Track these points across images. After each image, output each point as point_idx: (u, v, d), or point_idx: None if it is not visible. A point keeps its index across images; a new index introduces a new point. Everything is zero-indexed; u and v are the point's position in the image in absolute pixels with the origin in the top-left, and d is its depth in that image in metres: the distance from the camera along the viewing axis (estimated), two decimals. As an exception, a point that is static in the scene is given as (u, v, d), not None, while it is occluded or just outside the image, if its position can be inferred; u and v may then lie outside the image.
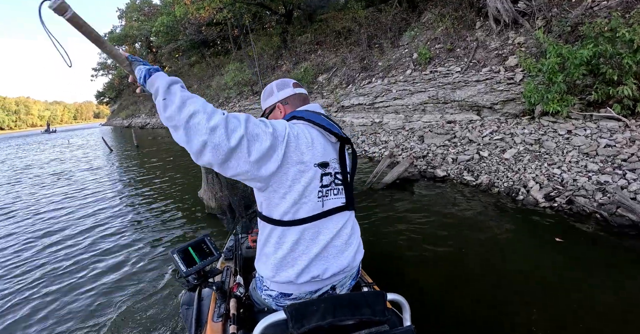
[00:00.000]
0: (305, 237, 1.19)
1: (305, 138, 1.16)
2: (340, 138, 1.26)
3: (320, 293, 1.29)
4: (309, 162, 1.15)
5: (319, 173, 1.18)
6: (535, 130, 5.20)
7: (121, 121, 49.45)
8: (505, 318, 2.18)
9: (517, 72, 6.03)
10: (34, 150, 20.11)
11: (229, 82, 17.14)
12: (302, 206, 1.16)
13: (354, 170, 1.36)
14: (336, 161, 1.26)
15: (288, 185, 1.13)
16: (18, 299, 2.99)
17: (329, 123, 1.24)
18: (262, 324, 1.03)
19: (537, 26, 6.29)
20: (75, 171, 9.80)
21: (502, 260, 2.88)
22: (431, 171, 5.41)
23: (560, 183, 4.00)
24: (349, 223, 1.30)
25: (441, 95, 7.15)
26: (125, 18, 37.52)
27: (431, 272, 2.83)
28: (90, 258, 3.65)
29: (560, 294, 2.34)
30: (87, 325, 2.52)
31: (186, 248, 1.48)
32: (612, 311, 2.14)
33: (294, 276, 1.20)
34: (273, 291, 1.27)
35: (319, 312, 1.05)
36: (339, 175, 1.26)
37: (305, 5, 15.35)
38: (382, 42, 10.27)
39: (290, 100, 1.37)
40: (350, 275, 1.35)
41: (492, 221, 3.66)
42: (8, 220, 5.30)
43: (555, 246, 2.99)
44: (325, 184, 1.20)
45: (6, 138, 44.89)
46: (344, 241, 1.27)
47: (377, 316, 1.10)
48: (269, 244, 1.24)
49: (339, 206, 1.24)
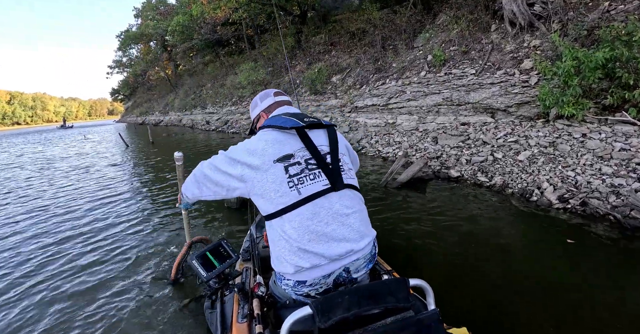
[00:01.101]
0: (297, 225, 1.26)
1: (258, 145, 1.34)
2: (300, 128, 1.37)
3: (335, 276, 1.31)
4: (267, 161, 1.29)
5: (281, 166, 1.29)
6: (549, 133, 5.25)
7: (135, 118, 50.19)
8: (511, 315, 2.25)
9: (532, 75, 6.08)
10: (55, 144, 20.57)
11: (242, 81, 17.36)
12: (280, 197, 1.27)
13: (335, 150, 1.40)
14: (303, 149, 1.35)
15: (260, 185, 1.29)
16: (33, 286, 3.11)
17: (285, 120, 1.39)
18: (289, 321, 1.03)
19: (553, 29, 6.32)
20: (96, 166, 10.09)
21: (513, 258, 2.96)
22: (445, 171, 5.50)
23: (574, 185, 4.06)
24: (343, 204, 1.32)
25: (455, 97, 7.22)
26: (141, 17, 38.08)
27: (441, 266, 2.94)
28: (106, 256, 3.66)
29: (572, 294, 2.41)
30: (104, 328, 2.49)
31: (204, 254, 1.52)
32: (623, 314, 2.18)
33: (300, 262, 1.25)
34: (290, 280, 1.32)
35: (344, 304, 1.05)
36: (312, 161, 1.33)
37: (320, 6, 15.48)
38: (397, 43, 10.35)
39: (272, 108, 1.60)
40: (363, 256, 1.35)
41: (504, 220, 3.75)
42: (33, 214, 5.52)
43: (567, 247, 3.06)
44: (293, 173, 1.29)
45: (23, 133, 45.68)
46: (342, 222, 1.30)
47: (401, 303, 1.11)
48: (273, 239, 1.34)
49: (321, 190, 1.29)
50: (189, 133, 20.70)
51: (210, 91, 24.56)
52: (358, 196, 1.43)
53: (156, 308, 2.64)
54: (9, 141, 27.81)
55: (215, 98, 22.69)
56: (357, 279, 1.38)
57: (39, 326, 2.55)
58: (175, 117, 31.65)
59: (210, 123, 21.28)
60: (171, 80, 39.58)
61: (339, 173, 1.36)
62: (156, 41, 36.78)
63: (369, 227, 1.43)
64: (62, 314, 2.68)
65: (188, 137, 18.34)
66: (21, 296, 2.97)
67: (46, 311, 2.74)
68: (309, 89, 12.63)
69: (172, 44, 31.18)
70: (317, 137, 1.41)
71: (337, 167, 1.37)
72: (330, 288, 1.33)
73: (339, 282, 1.33)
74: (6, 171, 10.54)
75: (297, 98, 7.02)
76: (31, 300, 2.90)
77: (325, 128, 1.47)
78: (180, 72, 39.32)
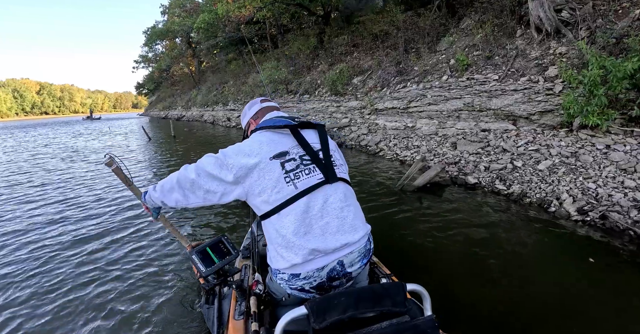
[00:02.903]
0: (292, 219, 1.30)
1: (253, 146, 1.37)
2: (293, 127, 1.43)
3: (328, 270, 1.32)
4: (263, 159, 1.33)
5: (277, 163, 1.34)
6: (572, 143, 5.17)
7: (158, 112, 51.37)
8: (514, 331, 2.24)
9: (557, 82, 5.97)
10: (86, 135, 21.26)
11: (264, 79, 17.55)
12: (276, 194, 1.31)
13: (326, 147, 1.46)
14: (297, 146, 1.40)
15: (258, 184, 1.33)
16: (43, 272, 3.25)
17: (277, 121, 1.47)
18: (283, 320, 1.04)
19: (580, 36, 6.20)
20: (122, 156, 10.38)
21: (525, 270, 2.94)
22: (462, 177, 5.48)
23: (594, 197, 4.00)
24: (337, 196, 1.37)
25: (477, 103, 7.16)
26: (167, 14, 38.87)
27: (452, 269, 2.97)
28: (115, 245, 3.78)
29: (582, 314, 2.39)
30: (102, 321, 2.52)
31: (204, 249, 1.52)
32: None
33: (294, 255, 1.29)
34: (284, 274, 1.35)
35: (340, 306, 1.06)
36: (306, 157, 1.39)
37: (344, 7, 15.50)
38: (419, 46, 10.30)
39: (259, 114, 1.68)
40: (358, 250, 1.37)
41: (520, 229, 3.73)
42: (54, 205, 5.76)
43: (584, 262, 3.02)
44: (289, 169, 1.34)
45: (52, 123, 47.06)
46: (335, 215, 1.34)
47: (398, 307, 1.12)
48: (269, 237, 1.38)
49: (316, 183, 1.35)
50: (210, 128, 21.08)
51: (232, 88, 24.91)
52: (351, 190, 1.48)
53: (153, 302, 2.69)
54: (37, 132, 28.75)
55: (237, 95, 23.00)
56: (351, 274, 1.38)
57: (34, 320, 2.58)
58: (197, 113, 32.23)
59: (231, 120, 21.62)
60: (194, 76, 40.36)
61: (331, 167, 1.41)
62: (181, 38, 37.50)
63: (363, 221, 1.46)
64: (61, 305, 2.74)
65: (209, 132, 18.68)
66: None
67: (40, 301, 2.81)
68: (330, 90, 12.69)
69: (197, 41, 31.80)
70: (309, 136, 1.47)
71: (330, 162, 1.43)
72: (324, 281, 1.34)
73: (333, 276, 1.34)
74: (31, 161, 10.97)
75: (268, 92, 7.04)
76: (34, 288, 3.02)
77: (315, 128, 1.53)
78: (204, 69, 40.04)
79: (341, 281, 1.38)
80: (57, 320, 2.56)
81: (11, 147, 16.07)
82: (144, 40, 43.52)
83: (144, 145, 14.12)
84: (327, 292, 1.37)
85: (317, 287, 1.35)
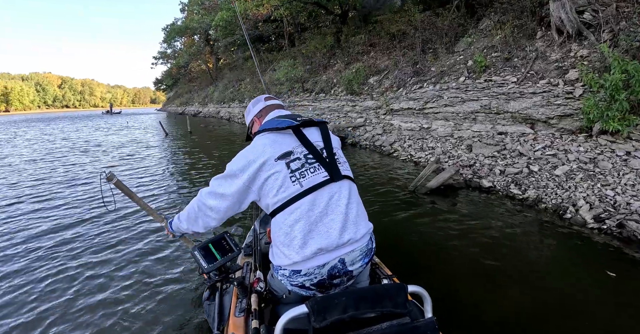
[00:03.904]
0: (297, 217, 1.32)
1: (257, 150, 1.39)
2: (295, 127, 1.44)
3: (329, 267, 1.33)
4: (268, 161, 1.35)
5: (283, 163, 1.36)
6: (591, 149, 5.07)
7: (175, 108, 52.16)
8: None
9: (577, 86, 5.86)
10: (106, 129, 21.77)
11: (281, 77, 17.65)
12: (283, 193, 1.33)
13: (329, 145, 1.48)
14: (300, 146, 1.42)
15: (266, 185, 1.36)
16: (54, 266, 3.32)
17: (279, 122, 1.47)
18: (284, 318, 1.03)
19: (602, 39, 6.06)
20: (138, 151, 10.66)
21: (536, 277, 2.92)
22: (477, 180, 5.44)
23: (612, 205, 3.93)
24: (341, 194, 1.39)
25: (494, 105, 7.08)
26: (187, 11, 39.37)
27: (457, 272, 2.98)
28: (125, 239, 3.91)
29: (591, 317, 2.37)
30: (104, 318, 2.53)
31: (207, 245, 1.52)
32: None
33: (295, 253, 1.31)
34: (285, 270, 1.36)
35: (340, 306, 1.05)
36: (310, 155, 1.40)
37: (361, 7, 15.45)
38: (437, 47, 10.21)
39: (263, 112, 1.67)
40: (359, 248, 1.39)
41: (533, 234, 3.71)
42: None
43: (599, 272, 2.97)
44: (294, 169, 1.36)
45: (73, 117, 47.93)
46: (340, 212, 1.35)
47: (398, 309, 1.11)
48: (274, 234, 1.40)
49: (321, 181, 1.37)
50: (226, 125, 21.34)
51: (249, 86, 25.13)
52: (355, 188, 1.49)
53: (154, 297, 2.72)
54: (56, 126, 29.47)
55: (254, 93, 23.18)
56: (352, 272, 1.39)
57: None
58: (213, 109, 32.61)
59: (246, 117, 21.76)
60: (212, 73, 40.83)
61: (336, 165, 1.43)
62: (199, 35, 37.95)
63: (366, 220, 1.47)
64: (63, 303, 2.76)
65: (225, 129, 18.93)
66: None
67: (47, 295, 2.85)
68: (345, 89, 12.69)
69: (215, 38, 32.10)
70: (311, 134, 1.48)
71: (333, 159, 1.44)
72: (325, 278, 1.35)
73: (333, 273, 1.35)
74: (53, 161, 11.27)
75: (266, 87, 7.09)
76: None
77: (318, 125, 1.55)
78: (221, 66, 40.46)
79: (342, 279, 1.39)
80: (59, 318, 2.56)
81: (32, 139, 16.53)
82: (163, 36, 44.24)
83: (162, 140, 14.44)
84: (328, 290, 1.39)
85: (317, 284, 1.36)
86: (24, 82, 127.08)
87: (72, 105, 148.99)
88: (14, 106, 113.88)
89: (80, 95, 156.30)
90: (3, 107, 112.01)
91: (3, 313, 2.65)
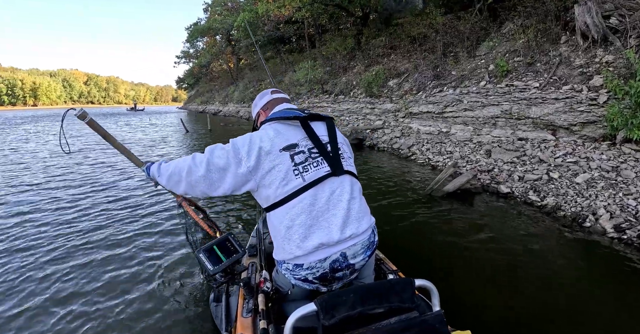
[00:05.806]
0: (299, 211, 1.32)
1: (263, 137, 1.39)
2: (303, 118, 1.44)
3: (331, 261, 1.34)
4: (274, 150, 1.35)
5: (287, 155, 1.35)
6: (614, 157, 4.99)
7: (196, 106, 53.12)
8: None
9: (602, 93, 5.76)
10: (134, 127, 22.39)
11: (301, 78, 17.80)
12: (285, 186, 1.33)
13: (334, 140, 1.48)
14: (306, 139, 1.42)
15: (268, 176, 1.35)
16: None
17: (287, 112, 1.49)
18: (293, 317, 1.04)
19: (629, 45, 5.94)
20: (158, 146, 10.98)
21: (550, 284, 2.90)
22: (494, 186, 5.41)
23: (633, 215, 3.88)
24: (343, 189, 1.39)
25: (515, 111, 7.01)
26: (210, 11, 40.04)
27: (469, 272, 3.01)
28: (137, 236, 3.91)
29: (601, 325, 2.37)
30: (109, 316, 2.52)
31: (211, 247, 1.51)
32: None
33: (297, 248, 1.32)
34: (289, 264, 1.38)
35: (349, 302, 1.06)
36: (314, 149, 1.40)
37: (383, 9, 15.44)
38: (458, 50, 10.15)
39: (269, 105, 1.69)
40: (361, 242, 1.39)
41: (549, 240, 3.69)
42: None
43: (613, 277, 2.97)
44: (298, 162, 1.35)
45: (100, 114, 48.60)
46: (342, 208, 1.35)
47: (406, 303, 1.11)
48: (274, 229, 1.40)
49: (323, 175, 1.37)
50: (245, 124, 21.61)
51: (269, 86, 25.39)
52: (357, 183, 1.49)
53: (161, 299, 2.71)
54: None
55: (273, 93, 23.40)
56: (354, 265, 1.40)
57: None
58: (233, 108, 33.08)
59: (265, 117, 22.02)
60: (232, 73, 41.38)
61: (339, 160, 1.43)
62: (221, 35, 38.54)
63: (368, 214, 1.47)
64: (65, 301, 2.75)
65: (244, 128, 19.17)
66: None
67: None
68: (365, 91, 12.73)
69: (236, 38, 32.53)
70: (318, 128, 1.48)
71: (337, 154, 1.44)
72: (327, 272, 1.36)
73: (335, 267, 1.36)
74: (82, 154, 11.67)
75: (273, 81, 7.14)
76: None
77: (324, 120, 1.55)
78: (242, 66, 41.00)
79: (344, 272, 1.39)
80: (60, 317, 2.54)
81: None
82: (186, 36, 45.11)
83: (182, 137, 14.94)
84: (331, 283, 1.42)
85: (320, 278, 1.38)
86: (52, 78, 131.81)
87: (96, 101, 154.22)
88: (41, 101, 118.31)
89: (105, 92, 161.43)
90: (31, 101, 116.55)
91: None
